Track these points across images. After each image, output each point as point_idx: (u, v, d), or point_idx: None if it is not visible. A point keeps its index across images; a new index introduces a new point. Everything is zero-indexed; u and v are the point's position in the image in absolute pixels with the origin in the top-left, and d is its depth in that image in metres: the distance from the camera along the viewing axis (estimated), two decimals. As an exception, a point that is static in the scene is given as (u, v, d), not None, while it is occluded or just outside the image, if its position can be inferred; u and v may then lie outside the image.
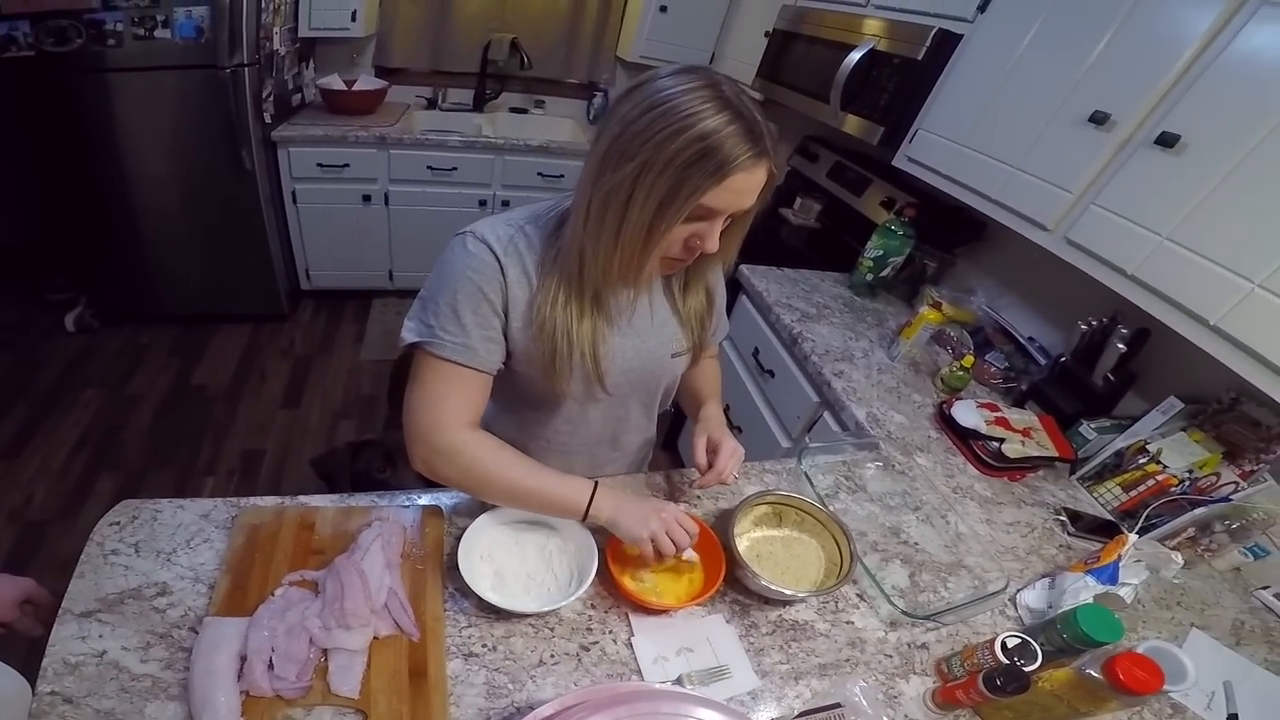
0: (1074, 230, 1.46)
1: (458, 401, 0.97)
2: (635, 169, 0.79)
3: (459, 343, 0.94)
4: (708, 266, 1.10)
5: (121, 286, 3.17)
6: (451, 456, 0.97)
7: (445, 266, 0.95)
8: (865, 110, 2.12)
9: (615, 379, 1.07)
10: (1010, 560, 1.28)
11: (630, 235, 0.85)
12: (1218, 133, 1.20)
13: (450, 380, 0.96)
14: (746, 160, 0.78)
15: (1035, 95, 1.57)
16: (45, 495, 2.40)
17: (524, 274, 0.96)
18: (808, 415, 1.87)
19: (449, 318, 0.94)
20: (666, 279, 1.10)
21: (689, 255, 0.92)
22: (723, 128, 0.76)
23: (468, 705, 0.86)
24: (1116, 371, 1.58)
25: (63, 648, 0.82)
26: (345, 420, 2.99)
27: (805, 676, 0.98)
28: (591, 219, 0.87)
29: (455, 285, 0.93)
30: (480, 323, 0.95)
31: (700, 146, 0.76)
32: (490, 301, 0.94)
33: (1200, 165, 1.22)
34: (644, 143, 0.78)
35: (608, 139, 0.83)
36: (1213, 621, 1.25)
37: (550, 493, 1.00)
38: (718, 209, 0.84)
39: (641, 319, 1.07)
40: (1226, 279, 1.17)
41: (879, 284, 2.24)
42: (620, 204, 0.83)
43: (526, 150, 3.45)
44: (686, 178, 0.78)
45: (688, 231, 0.87)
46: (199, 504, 1.05)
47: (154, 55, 2.52)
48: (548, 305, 0.95)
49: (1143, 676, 0.79)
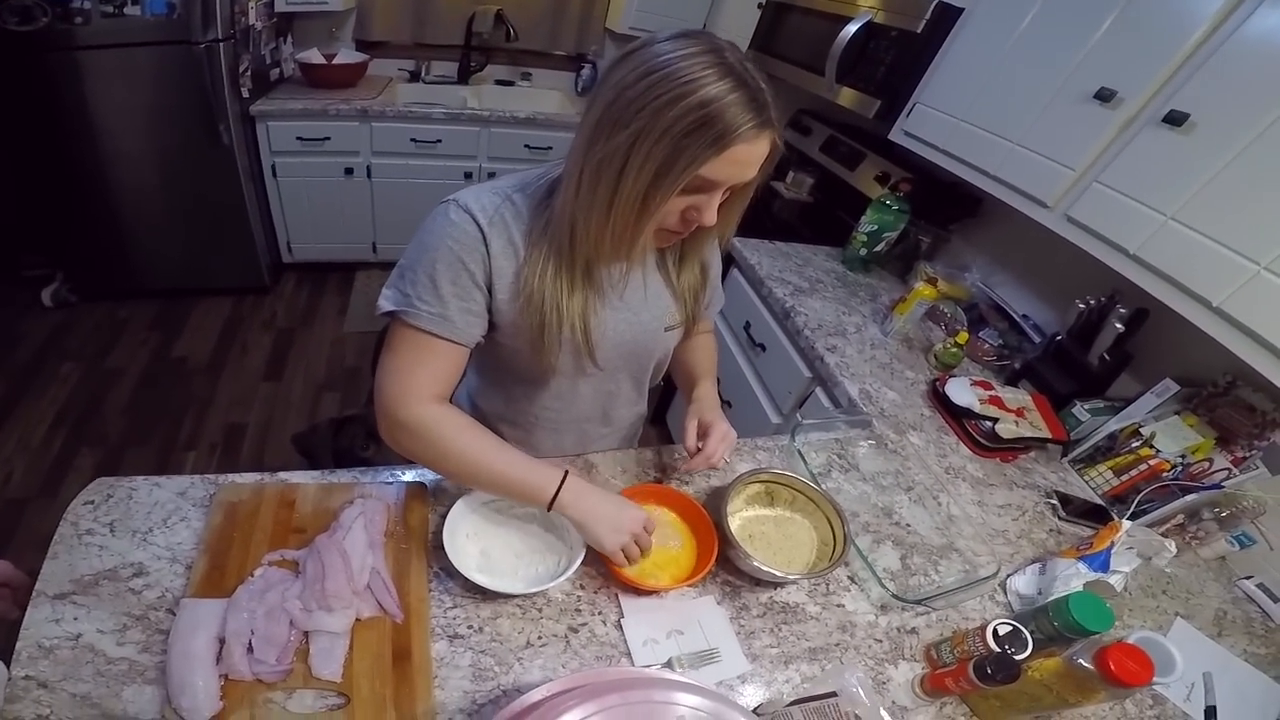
0: (1075, 208, 1.44)
1: (428, 374, 0.94)
2: (630, 137, 0.75)
3: (435, 313, 0.91)
4: (704, 239, 1.06)
5: (99, 262, 3.12)
6: (414, 431, 0.93)
7: (426, 235, 0.92)
8: (861, 83, 2.09)
9: (606, 353, 1.05)
10: (1001, 544, 1.28)
11: (623, 207, 0.81)
12: (1228, 113, 1.17)
13: (422, 351, 0.93)
14: (749, 130, 0.75)
15: (1038, 71, 1.54)
16: (24, 472, 2.36)
17: (510, 244, 0.92)
18: (799, 390, 1.86)
19: (426, 287, 0.91)
20: (661, 252, 1.07)
21: (685, 228, 0.89)
22: (724, 95, 0.72)
23: (453, 688, 0.84)
24: (1113, 351, 1.57)
25: (37, 631, 0.80)
26: (329, 392, 2.96)
27: (795, 660, 0.97)
28: (583, 189, 0.83)
29: (434, 255, 0.90)
30: (459, 294, 0.92)
31: (700, 115, 0.72)
32: (470, 273, 0.91)
33: (1209, 145, 1.20)
34: (639, 110, 0.74)
35: (601, 105, 0.79)
36: (1196, 611, 1.25)
37: (515, 477, 0.95)
38: (717, 181, 0.80)
39: (634, 292, 1.04)
40: (1232, 261, 1.15)
41: (872, 259, 2.23)
42: (613, 174, 0.79)
43: (513, 122, 3.40)
44: (684, 147, 0.74)
45: (684, 204, 0.84)
46: (176, 481, 1.02)
47: (124, 32, 2.47)
48: (536, 277, 0.92)
49: (1134, 668, 0.78)
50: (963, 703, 0.96)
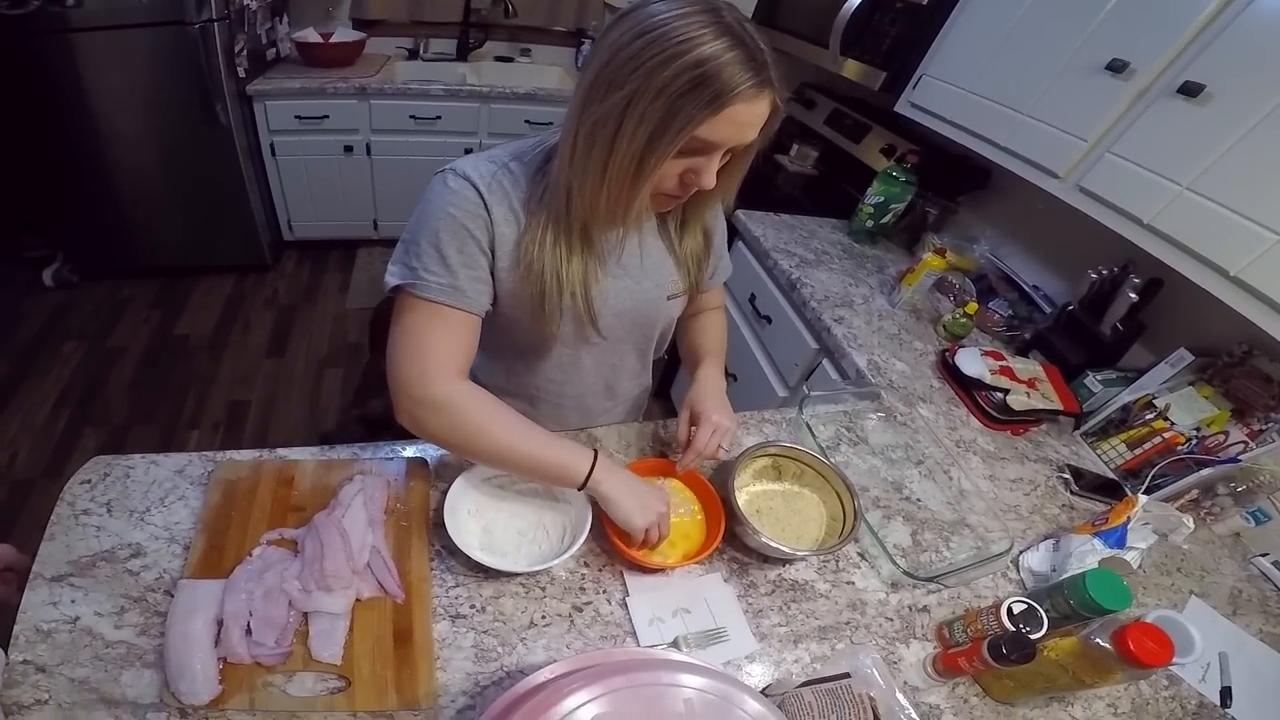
0: (1087, 178, 1.42)
1: (446, 347, 0.90)
2: (624, 98, 0.73)
3: (444, 283, 0.88)
4: (706, 205, 1.03)
5: (100, 242, 3.13)
6: (439, 409, 0.89)
7: (427, 205, 0.89)
8: (866, 55, 2.05)
9: (608, 321, 1.02)
10: (1013, 519, 1.25)
11: (618, 169, 0.79)
12: (1246, 84, 1.15)
13: (436, 324, 0.89)
14: (747, 90, 0.72)
15: (1048, 42, 1.51)
16: (28, 453, 2.36)
17: (510, 212, 0.90)
18: (806, 362, 1.84)
19: (433, 257, 0.88)
20: (662, 218, 1.04)
21: (684, 191, 0.86)
22: (721, 54, 0.70)
23: (455, 669, 0.83)
24: (1126, 321, 1.55)
25: (34, 614, 0.79)
26: (331, 368, 2.95)
27: (805, 640, 0.95)
28: (578, 152, 0.82)
29: (437, 224, 0.88)
30: (466, 261, 0.89)
31: (695, 74, 0.70)
32: (475, 239, 0.89)
33: (1225, 116, 1.17)
34: (634, 70, 0.72)
35: (595, 67, 0.77)
36: (1211, 589, 1.23)
37: (547, 456, 0.92)
38: (714, 142, 0.77)
39: (632, 258, 1.01)
40: (1250, 230, 1.13)
41: (879, 230, 2.19)
42: (608, 136, 0.77)
43: (513, 98, 3.36)
44: (680, 108, 0.72)
45: (682, 166, 0.81)
46: (173, 459, 1.01)
47: (117, 14, 2.46)
48: (535, 245, 0.90)
49: (1153, 648, 0.76)
50: (975, 683, 0.95)
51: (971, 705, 0.92)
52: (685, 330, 1.24)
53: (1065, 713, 0.94)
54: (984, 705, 0.93)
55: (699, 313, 1.26)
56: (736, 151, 0.84)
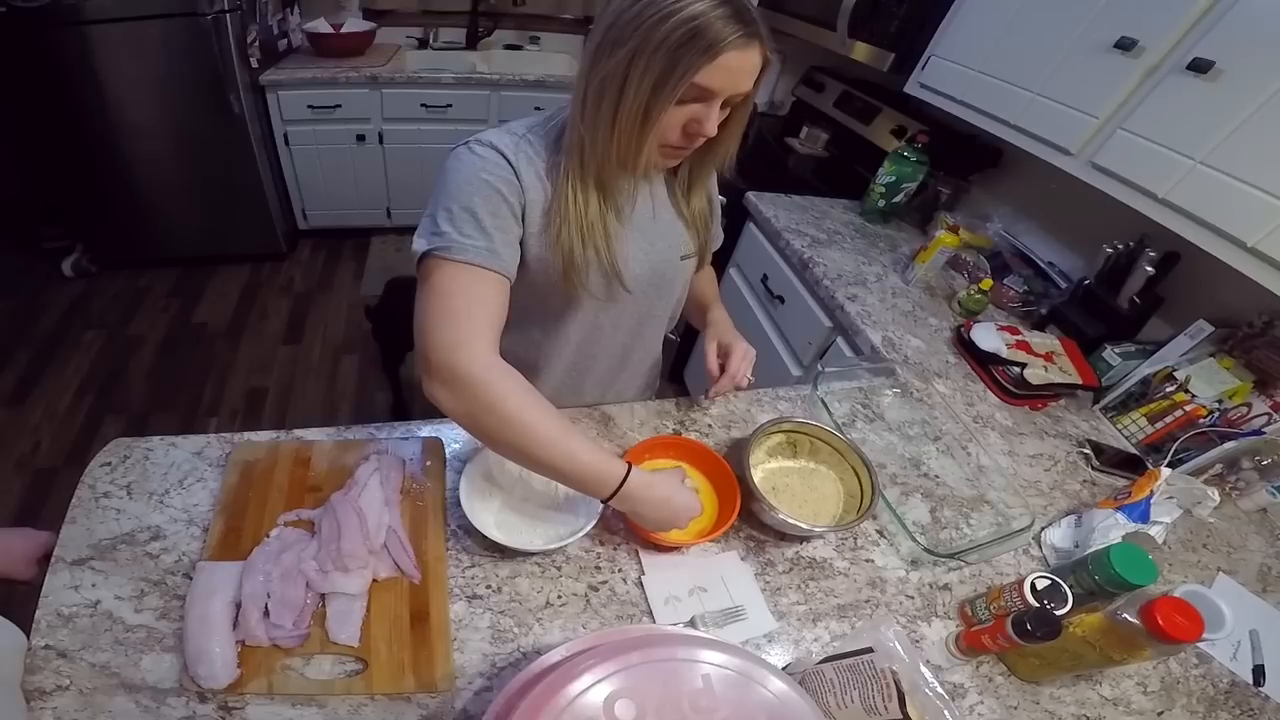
0: (1100, 154, 1.41)
1: (482, 316, 0.86)
2: (628, 54, 0.80)
3: (481, 246, 0.86)
4: (708, 164, 1.07)
5: (117, 232, 3.16)
6: (467, 385, 0.81)
7: (454, 174, 0.89)
8: (874, 37, 2.04)
9: (631, 280, 1.03)
10: (1034, 495, 1.24)
11: (627, 119, 0.84)
12: (1256, 60, 1.15)
13: (474, 290, 0.85)
14: (737, 39, 0.78)
15: (1057, 20, 1.51)
16: (51, 441, 2.39)
17: (538, 178, 0.93)
18: (820, 341, 1.82)
19: (468, 221, 0.86)
20: (670, 183, 1.09)
21: (689, 142, 0.90)
22: (710, 10, 0.76)
23: (472, 650, 0.83)
24: (1143, 295, 1.53)
25: (56, 599, 0.80)
26: (347, 355, 2.97)
27: (824, 618, 0.95)
28: (588, 107, 0.87)
29: (471, 189, 0.87)
30: (500, 225, 0.88)
31: (690, 27, 0.76)
32: (510, 204, 0.89)
33: (1236, 91, 1.17)
34: (635, 29, 0.78)
35: (601, 30, 0.83)
36: (1239, 566, 1.21)
37: (576, 462, 0.84)
38: (713, 89, 0.82)
39: (644, 214, 1.04)
40: (1266, 202, 1.13)
41: (891, 210, 2.17)
42: (615, 89, 0.83)
43: (523, 85, 3.36)
44: (679, 58, 0.78)
45: (685, 115, 0.86)
46: (192, 441, 1.01)
47: (131, 5, 2.48)
48: (561, 210, 0.93)
49: (1183, 623, 0.74)
50: (1000, 661, 0.94)
51: (997, 684, 0.91)
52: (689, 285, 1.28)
53: (1094, 691, 0.93)
54: (1009, 684, 0.92)
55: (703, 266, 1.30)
56: (734, 103, 0.89)
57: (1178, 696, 0.95)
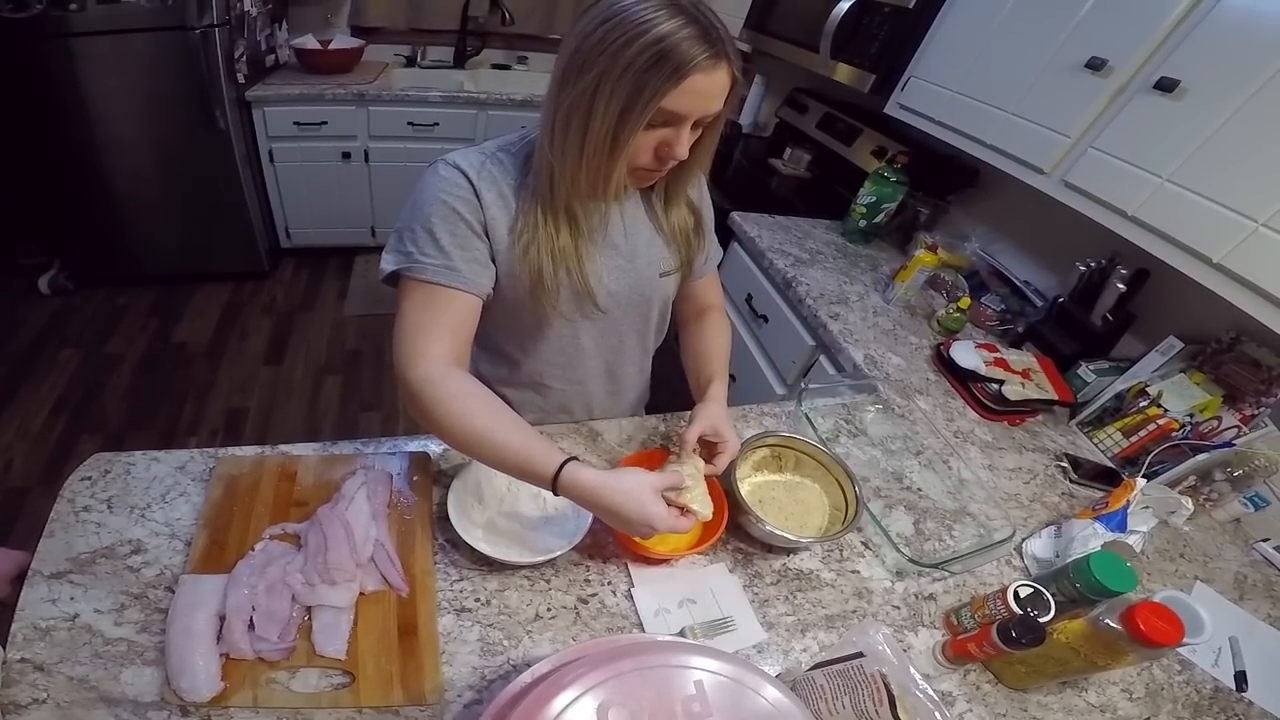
0: (1072, 173, 1.45)
1: (439, 330, 0.89)
2: (594, 80, 0.79)
3: (439, 264, 0.90)
4: (685, 179, 1.06)
5: (96, 249, 3.12)
6: (421, 390, 0.85)
7: (418, 195, 0.93)
8: (856, 59, 2.08)
9: (605, 299, 1.04)
10: (1014, 508, 1.25)
11: (594, 146, 0.84)
12: (1218, 78, 1.18)
13: (430, 306, 0.90)
14: (704, 61, 0.77)
15: (1030, 42, 1.54)
16: (24, 460, 2.35)
17: (501, 196, 0.94)
18: (803, 359, 1.84)
19: (426, 241, 0.90)
20: (647, 197, 1.08)
21: (661, 165, 0.90)
22: (677, 31, 0.75)
23: (461, 664, 0.82)
24: (1115, 312, 1.57)
25: (32, 612, 0.78)
26: (330, 376, 2.94)
27: (812, 628, 0.95)
28: (556, 135, 0.86)
29: (429, 209, 0.91)
30: (459, 244, 0.91)
31: (655, 50, 0.75)
32: (467, 222, 0.91)
33: (1201, 109, 1.21)
34: (600, 54, 0.78)
35: (566, 55, 0.83)
36: (1215, 575, 1.23)
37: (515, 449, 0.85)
38: (681, 113, 0.82)
39: (617, 235, 1.04)
40: (1229, 219, 1.16)
41: (872, 230, 2.21)
42: (582, 116, 0.82)
43: (510, 104, 3.38)
44: (645, 82, 0.77)
45: (655, 139, 0.86)
46: (174, 455, 1.00)
47: (119, 18, 2.46)
48: (529, 229, 0.94)
49: (1163, 627, 0.76)
50: (987, 670, 0.94)
51: (985, 692, 0.92)
52: (690, 336, 1.21)
53: (1080, 698, 0.94)
54: (997, 692, 0.92)
55: (702, 312, 1.23)
56: (705, 124, 0.88)
57: (1163, 702, 0.96)
